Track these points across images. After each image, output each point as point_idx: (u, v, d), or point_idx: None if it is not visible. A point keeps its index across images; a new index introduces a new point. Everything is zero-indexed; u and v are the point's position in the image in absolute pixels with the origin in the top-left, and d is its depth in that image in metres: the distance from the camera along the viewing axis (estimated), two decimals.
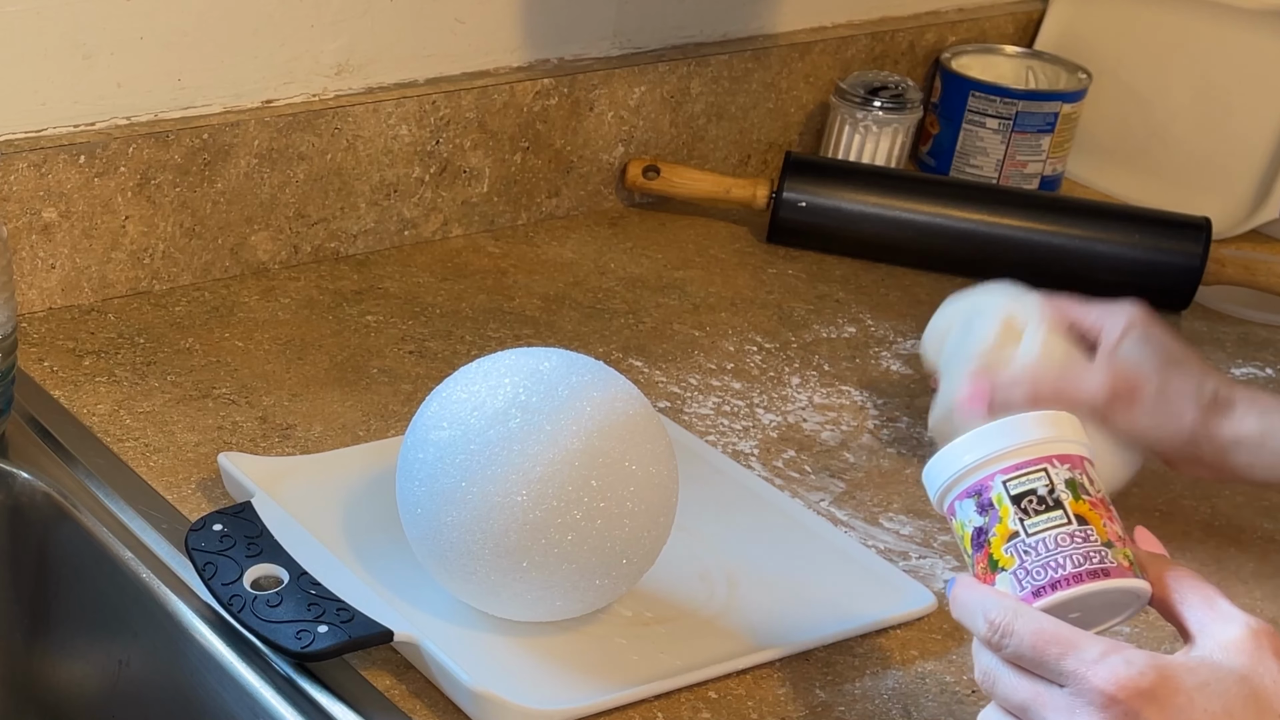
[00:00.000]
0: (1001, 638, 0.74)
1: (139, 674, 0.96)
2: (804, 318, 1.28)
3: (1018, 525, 0.78)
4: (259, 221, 1.24)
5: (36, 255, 1.15)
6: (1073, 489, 0.78)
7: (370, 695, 0.86)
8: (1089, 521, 0.77)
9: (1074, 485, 0.78)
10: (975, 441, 0.80)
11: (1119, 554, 0.77)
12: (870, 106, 1.44)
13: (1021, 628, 0.74)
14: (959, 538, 0.80)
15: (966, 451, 0.80)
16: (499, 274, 1.29)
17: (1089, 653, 0.72)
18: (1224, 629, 0.73)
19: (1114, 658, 0.71)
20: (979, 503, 0.79)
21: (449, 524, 0.86)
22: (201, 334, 1.16)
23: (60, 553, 0.99)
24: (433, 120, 1.29)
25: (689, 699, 0.88)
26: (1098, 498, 0.79)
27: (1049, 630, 0.73)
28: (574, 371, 0.88)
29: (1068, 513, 0.77)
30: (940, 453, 0.81)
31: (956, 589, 0.78)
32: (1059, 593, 0.76)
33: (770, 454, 1.10)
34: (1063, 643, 0.72)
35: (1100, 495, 0.79)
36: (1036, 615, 0.74)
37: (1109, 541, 0.77)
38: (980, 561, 0.79)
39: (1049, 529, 0.77)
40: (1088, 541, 0.77)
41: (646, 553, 0.89)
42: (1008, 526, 0.78)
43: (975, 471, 0.79)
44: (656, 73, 1.39)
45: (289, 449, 1.05)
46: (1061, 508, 0.77)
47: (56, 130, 1.15)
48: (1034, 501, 0.78)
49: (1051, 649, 0.72)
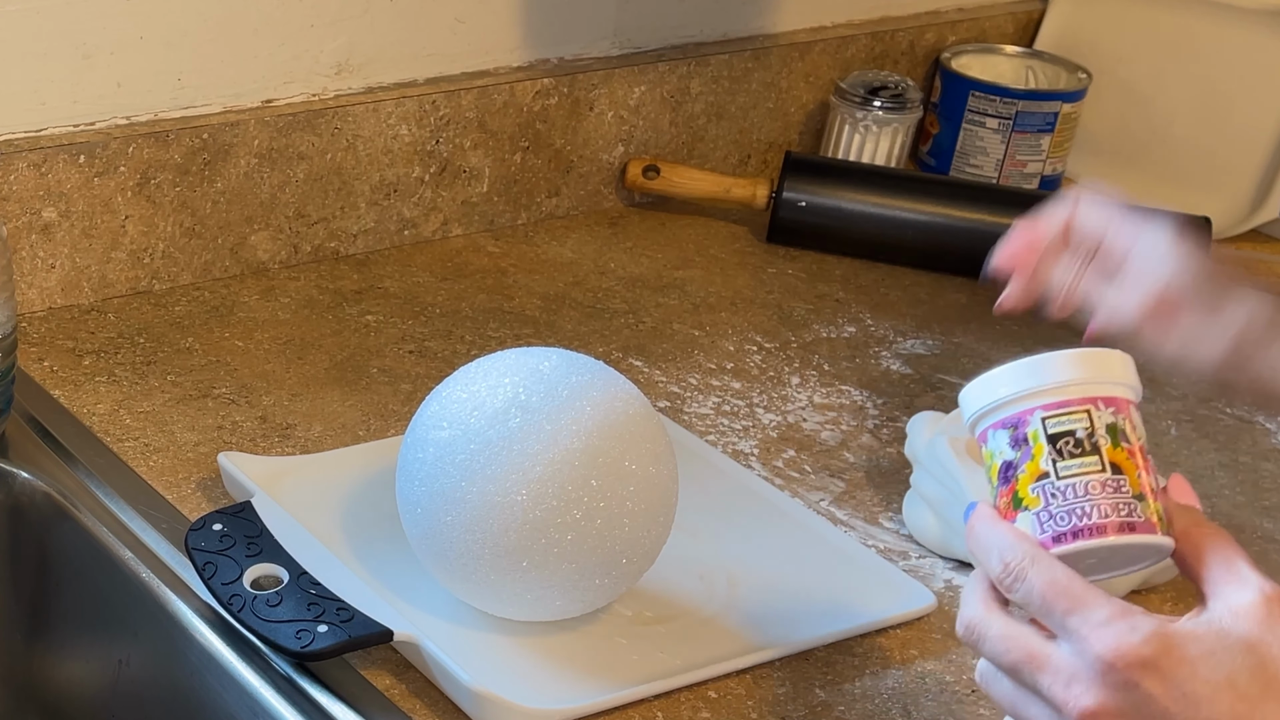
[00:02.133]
0: (1014, 580, 0.72)
1: (139, 674, 0.96)
2: (804, 317, 1.28)
3: (1049, 466, 0.74)
4: (259, 221, 1.24)
5: (36, 255, 1.15)
6: (1113, 434, 0.74)
7: (370, 695, 0.86)
8: (1123, 471, 0.74)
9: (1114, 431, 0.75)
10: (1022, 372, 0.76)
11: (1149, 508, 0.74)
12: (870, 106, 1.44)
13: (1035, 575, 0.71)
14: (985, 466, 0.77)
15: (1012, 381, 0.76)
16: (499, 274, 1.29)
17: (1096, 614, 0.70)
18: (1238, 593, 0.71)
19: (1119, 623, 0.69)
20: (1014, 436, 0.75)
21: (449, 524, 0.86)
22: (201, 334, 1.16)
23: (60, 552, 0.99)
24: (433, 120, 1.29)
25: (689, 699, 0.88)
26: (1137, 445, 0.75)
27: (1062, 582, 0.71)
28: (574, 371, 0.88)
29: (1103, 459, 0.74)
30: (984, 376, 0.77)
31: (975, 521, 0.75)
32: (1080, 541, 0.73)
33: (770, 454, 1.10)
34: (1072, 598, 0.71)
35: (1140, 443, 0.75)
36: (1052, 564, 0.72)
37: (1141, 494, 0.74)
38: (1004, 495, 0.75)
39: (1081, 474, 0.74)
40: (1118, 492, 0.74)
41: (646, 552, 0.89)
42: (1039, 465, 0.75)
43: (1016, 403, 0.76)
44: (656, 72, 1.39)
45: (289, 449, 1.05)
46: (1098, 453, 0.74)
47: (56, 130, 1.15)
48: (1070, 444, 0.74)
49: (1060, 602, 0.71)
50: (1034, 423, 0.75)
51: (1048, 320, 0.96)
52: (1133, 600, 0.99)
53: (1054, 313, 0.95)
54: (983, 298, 1.33)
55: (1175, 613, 0.98)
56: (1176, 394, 1.22)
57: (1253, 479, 1.13)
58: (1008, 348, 1.26)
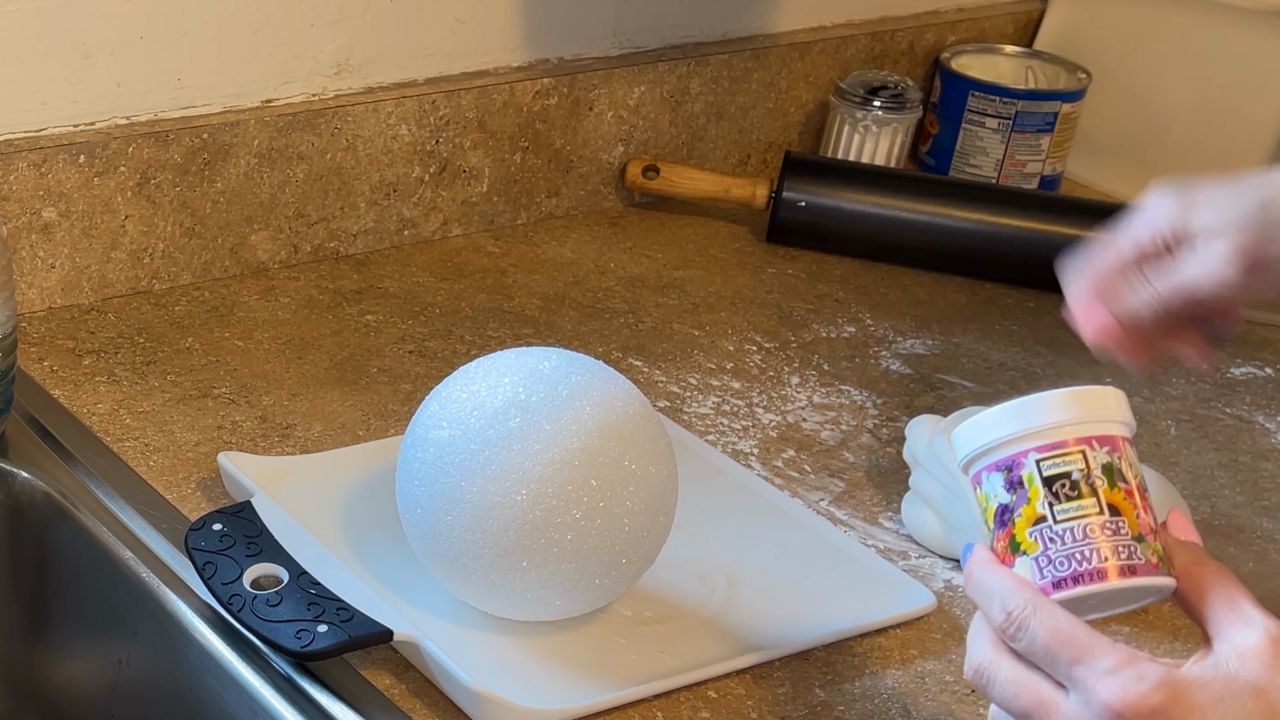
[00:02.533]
0: (1017, 630, 0.71)
1: (139, 673, 0.96)
2: (804, 317, 1.28)
3: (1046, 510, 0.74)
4: (259, 221, 1.24)
5: (36, 255, 1.15)
6: (1109, 475, 0.74)
7: (370, 695, 0.86)
8: (1121, 512, 0.73)
9: (1111, 471, 0.74)
10: (1014, 413, 0.75)
11: (1149, 548, 0.74)
12: (870, 106, 1.44)
13: (1038, 625, 0.71)
14: (980, 508, 0.76)
15: (1005, 422, 0.75)
16: (499, 274, 1.29)
17: (1102, 663, 0.69)
18: (1243, 634, 0.70)
19: (1126, 672, 0.69)
20: (1008, 479, 0.75)
21: (449, 523, 0.86)
22: (201, 333, 1.16)
23: (60, 552, 0.99)
24: (432, 120, 1.29)
25: (689, 698, 0.88)
26: (1134, 484, 0.75)
27: (1065, 631, 0.71)
28: (574, 371, 0.88)
29: (1100, 501, 0.73)
30: (976, 417, 0.76)
31: (974, 566, 0.74)
32: (1081, 587, 0.73)
33: (770, 453, 1.10)
34: (1078, 647, 0.70)
35: (1137, 481, 0.75)
36: (1055, 612, 0.71)
37: (1140, 535, 0.73)
38: (1001, 540, 0.75)
39: (1079, 517, 0.73)
40: (1118, 534, 0.73)
41: (646, 552, 0.89)
42: (1035, 509, 0.74)
43: (1009, 445, 0.75)
44: (656, 72, 1.39)
45: (289, 448, 1.05)
46: (1095, 495, 0.73)
47: (56, 130, 1.15)
48: (1066, 486, 0.74)
49: (1065, 651, 0.70)
50: (1028, 465, 0.74)
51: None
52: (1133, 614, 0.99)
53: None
54: (982, 297, 1.34)
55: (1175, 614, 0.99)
56: (1176, 394, 1.22)
57: (1253, 479, 1.13)
58: (1008, 348, 1.26)
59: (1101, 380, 1.22)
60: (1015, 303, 1.33)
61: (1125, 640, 0.95)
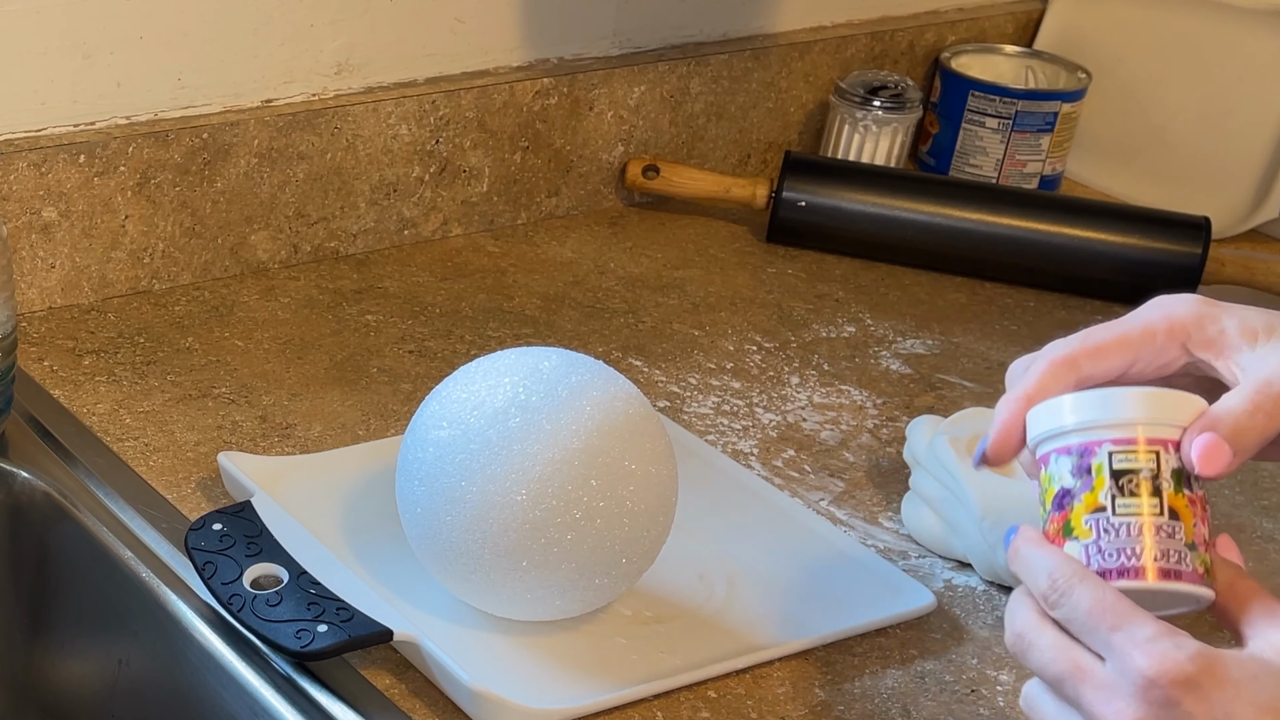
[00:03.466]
0: (1060, 596, 0.71)
1: (139, 673, 0.96)
2: (804, 317, 1.28)
3: (1108, 501, 0.73)
4: (259, 221, 1.24)
5: (36, 255, 1.15)
6: (1177, 480, 0.74)
7: (370, 695, 0.86)
8: (1180, 518, 0.73)
9: (1179, 476, 0.74)
10: (1098, 401, 0.75)
11: (1198, 558, 0.73)
12: (870, 106, 1.44)
13: (1082, 592, 0.71)
14: (1041, 489, 0.76)
15: (1087, 409, 0.75)
16: (499, 273, 1.29)
17: (1141, 631, 0.69)
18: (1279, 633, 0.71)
19: (1164, 641, 0.69)
20: (1078, 465, 0.74)
21: (449, 523, 0.86)
22: (201, 333, 1.16)
23: (60, 552, 0.99)
24: (432, 120, 1.29)
25: (689, 698, 0.88)
26: (1199, 494, 0.74)
27: (1109, 600, 0.71)
28: (574, 371, 0.88)
29: (1163, 504, 0.73)
30: (1058, 399, 0.76)
31: (1019, 543, 0.74)
32: (1125, 581, 0.73)
33: (770, 453, 1.10)
34: (1118, 614, 0.70)
35: (1202, 492, 0.75)
36: (1099, 583, 0.71)
37: (1193, 543, 0.73)
38: (1055, 521, 0.75)
39: (1137, 514, 0.73)
40: (1172, 538, 0.73)
41: (646, 552, 0.89)
42: (1097, 499, 0.74)
43: (1086, 431, 0.75)
44: (656, 72, 1.39)
45: (289, 448, 1.05)
46: (1159, 496, 0.73)
47: (56, 130, 1.15)
48: (1133, 483, 0.74)
49: (1106, 619, 0.70)
50: (1100, 455, 0.74)
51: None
52: None
53: None
54: (982, 297, 1.34)
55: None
56: None
57: (1253, 479, 1.13)
58: (1008, 348, 1.26)
59: None
60: (1015, 303, 1.33)
61: None
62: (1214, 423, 0.75)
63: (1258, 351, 0.77)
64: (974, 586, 0.99)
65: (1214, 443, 0.74)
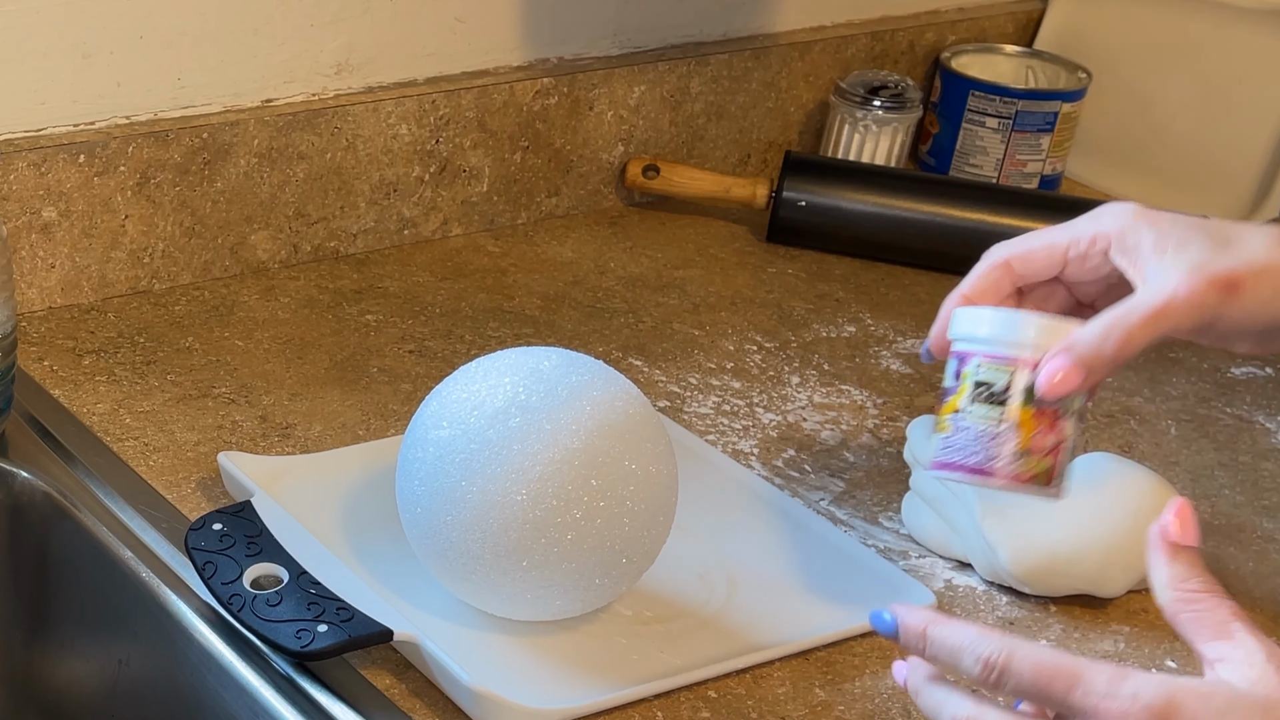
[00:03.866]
0: (1000, 675, 0.71)
1: (139, 673, 0.96)
2: (804, 317, 1.28)
3: (964, 405, 0.86)
4: (259, 221, 1.24)
5: (36, 254, 1.15)
6: (1027, 395, 0.84)
7: (370, 695, 0.86)
8: (1019, 428, 0.84)
9: (1030, 392, 0.84)
10: (986, 318, 0.86)
11: (1029, 463, 0.84)
12: (870, 106, 1.44)
13: (1019, 664, 0.70)
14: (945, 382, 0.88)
15: (976, 324, 0.86)
16: (499, 273, 1.29)
17: (1095, 684, 0.69)
18: (1245, 656, 0.70)
19: (1122, 688, 0.68)
20: (956, 370, 0.87)
21: (449, 523, 0.86)
22: (201, 333, 1.16)
23: (60, 552, 0.99)
24: (432, 120, 1.29)
25: (689, 698, 0.88)
26: (1052, 410, 0.84)
27: (1049, 663, 0.70)
28: (574, 371, 0.88)
29: (1005, 415, 0.84)
30: (977, 309, 0.87)
31: (927, 628, 0.74)
32: (961, 474, 0.85)
33: (770, 453, 1.10)
34: (1066, 675, 0.69)
35: (1055, 408, 0.84)
36: (1030, 647, 0.71)
37: (1026, 450, 0.84)
38: (939, 409, 0.87)
39: (977, 420, 0.85)
40: (1002, 445, 0.84)
41: (646, 552, 0.89)
42: (957, 403, 0.86)
43: (968, 343, 0.86)
44: (656, 72, 1.39)
45: (289, 448, 1.05)
46: (1004, 406, 0.85)
47: (56, 129, 1.15)
48: (984, 392, 0.85)
49: (1056, 684, 0.69)
50: (970, 365, 0.86)
51: None
52: (1133, 600, 0.99)
53: None
54: None
55: None
56: (1176, 394, 1.22)
57: (1253, 479, 1.13)
58: None
59: None
60: None
61: (1124, 642, 0.95)
62: (1068, 347, 0.84)
63: (1162, 263, 0.86)
64: (974, 586, 0.99)
65: (1061, 366, 0.84)
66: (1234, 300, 0.84)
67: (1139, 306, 0.84)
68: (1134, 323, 0.84)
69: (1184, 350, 1.28)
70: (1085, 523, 0.96)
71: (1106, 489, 0.98)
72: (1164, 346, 1.28)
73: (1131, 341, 0.84)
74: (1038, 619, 0.97)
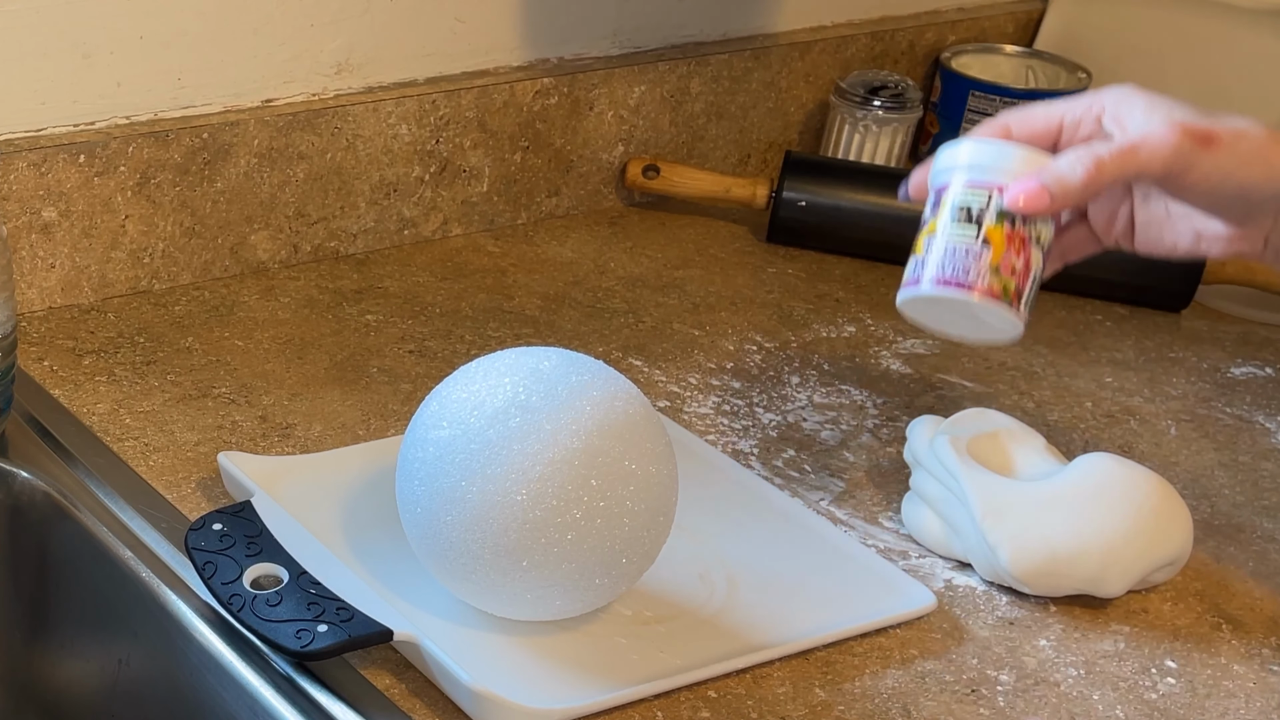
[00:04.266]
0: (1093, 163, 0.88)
1: (139, 673, 0.96)
2: (804, 317, 1.28)
3: (943, 226, 0.92)
4: (259, 221, 1.24)
5: (36, 254, 1.15)
6: (1001, 217, 0.91)
7: (370, 694, 0.86)
8: (991, 245, 0.91)
9: (1004, 214, 0.91)
10: (970, 148, 0.92)
11: (999, 280, 0.91)
12: (870, 106, 1.44)
13: (1098, 151, 0.88)
14: None
15: (962, 153, 0.93)
16: (499, 273, 1.29)
17: None
18: None
19: None
20: (936, 198, 0.93)
21: (448, 523, 0.86)
22: (201, 333, 1.16)
23: (60, 552, 0.99)
24: (432, 120, 1.29)
25: (689, 698, 0.88)
26: (1028, 233, 0.91)
27: (1104, 152, 0.89)
28: (574, 371, 0.88)
29: (980, 232, 0.91)
30: (955, 142, 0.94)
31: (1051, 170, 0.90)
32: (925, 289, 0.91)
33: (770, 453, 1.10)
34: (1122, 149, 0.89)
35: (1033, 232, 0.91)
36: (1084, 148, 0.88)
37: (995, 267, 0.90)
38: (917, 238, 0.93)
39: (955, 238, 0.91)
40: (976, 260, 0.91)
41: (646, 552, 0.89)
42: (936, 225, 0.92)
43: (952, 171, 0.93)
44: (656, 72, 1.39)
45: (289, 448, 1.05)
46: (979, 226, 0.91)
47: (56, 130, 1.15)
48: (964, 214, 0.91)
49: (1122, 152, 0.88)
50: (951, 190, 0.92)
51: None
52: (1133, 599, 0.99)
53: None
54: None
55: (1175, 614, 0.99)
56: (1176, 394, 1.22)
57: (1253, 479, 1.13)
58: (1007, 348, 1.26)
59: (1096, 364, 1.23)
60: None
61: (1124, 642, 0.95)
62: (1040, 171, 0.90)
63: (1149, 119, 0.91)
64: (974, 586, 0.99)
65: (1031, 186, 0.90)
66: (1208, 153, 0.89)
67: (1114, 142, 0.90)
68: (1105, 155, 0.89)
69: (1184, 350, 1.28)
70: (1085, 523, 0.96)
71: (1106, 489, 0.98)
72: (1164, 346, 1.28)
73: (1102, 172, 0.89)
74: (1038, 619, 0.97)
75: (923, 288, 0.92)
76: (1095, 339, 1.29)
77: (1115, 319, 1.32)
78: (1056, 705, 0.90)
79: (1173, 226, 0.96)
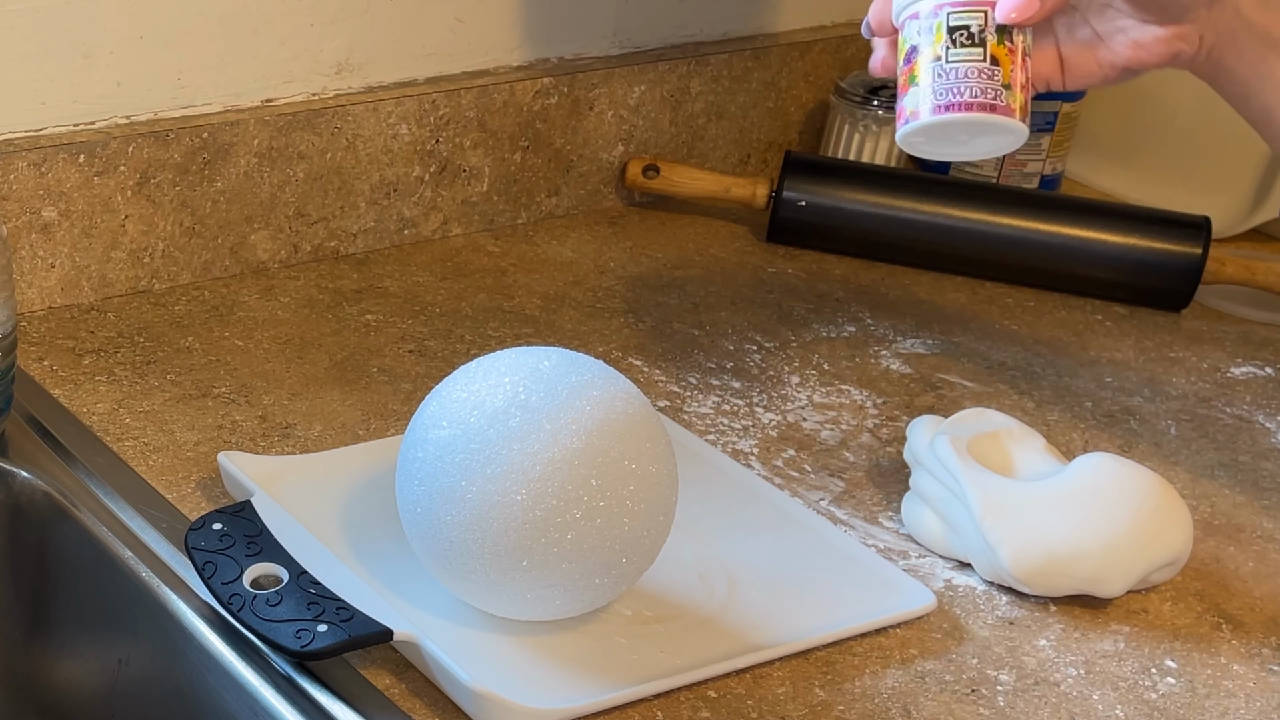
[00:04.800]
0: None
1: (139, 673, 0.96)
2: (804, 317, 1.28)
3: (943, 51, 0.92)
4: (259, 220, 1.24)
5: (36, 254, 1.15)
6: (1000, 33, 0.92)
7: (370, 694, 0.86)
8: (1000, 63, 0.92)
9: (1003, 31, 0.92)
10: None
11: (1014, 97, 0.92)
12: (870, 106, 1.44)
13: None
14: (898, 53, 0.94)
15: None
16: (499, 273, 1.29)
17: None
18: None
19: None
20: (923, 25, 0.93)
21: (448, 523, 0.86)
22: (201, 333, 1.16)
23: (60, 552, 0.99)
24: (432, 119, 1.29)
25: (689, 698, 0.88)
26: (1019, 46, 0.92)
27: None
28: (574, 370, 0.88)
29: (986, 52, 0.92)
30: None
31: None
32: (953, 114, 0.91)
33: (770, 453, 1.10)
34: None
35: (1023, 45, 0.93)
36: None
37: (1009, 84, 0.92)
38: (904, 74, 0.93)
39: (965, 61, 0.92)
40: (992, 80, 0.91)
41: (646, 552, 0.89)
42: (935, 50, 0.92)
43: (918, 3, 0.93)
44: (656, 72, 1.39)
45: (289, 448, 1.05)
46: (984, 46, 0.92)
47: (56, 129, 1.15)
48: (964, 36, 0.92)
49: None
50: (940, 15, 0.92)
51: None
52: (1133, 599, 0.99)
53: None
54: (983, 297, 1.34)
55: (1175, 614, 0.99)
56: (1176, 394, 1.22)
57: (1253, 479, 1.13)
58: (1007, 347, 1.26)
59: None
60: (1015, 303, 1.33)
61: (1124, 642, 0.95)
62: None
63: None
64: (974, 586, 0.99)
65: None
66: None
67: None
68: None
69: (1184, 350, 1.28)
70: (1085, 523, 0.96)
71: (1106, 489, 0.98)
72: (1164, 346, 1.28)
73: None
74: (1038, 619, 0.97)
75: (954, 115, 0.91)
76: (1095, 339, 1.29)
77: (1115, 319, 1.32)
78: (1056, 705, 0.90)
79: (1106, 46, 0.99)
